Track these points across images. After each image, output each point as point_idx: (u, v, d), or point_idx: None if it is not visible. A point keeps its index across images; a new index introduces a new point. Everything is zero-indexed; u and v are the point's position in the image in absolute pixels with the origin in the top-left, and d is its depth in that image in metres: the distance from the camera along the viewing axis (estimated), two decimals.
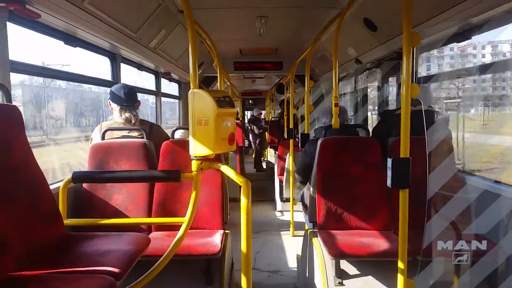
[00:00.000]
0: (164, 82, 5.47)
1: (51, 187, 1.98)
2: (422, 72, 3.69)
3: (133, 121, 3.01)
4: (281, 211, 6.18)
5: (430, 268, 2.06)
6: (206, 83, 7.69)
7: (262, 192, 7.50)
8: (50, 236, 1.75)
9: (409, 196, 1.84)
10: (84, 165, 2.98)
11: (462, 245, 1.92)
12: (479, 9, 2.27)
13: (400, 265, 1.86)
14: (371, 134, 3.33)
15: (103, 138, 2.90)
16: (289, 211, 5.20)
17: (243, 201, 1.69)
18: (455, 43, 3.04)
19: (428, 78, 3.43)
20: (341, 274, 2.50)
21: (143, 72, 4.59)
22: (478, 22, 2.56)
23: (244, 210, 1.69)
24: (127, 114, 3.00)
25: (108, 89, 3.19)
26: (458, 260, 1.93)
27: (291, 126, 5.30)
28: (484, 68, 3.03)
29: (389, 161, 1.82)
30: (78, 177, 2.09)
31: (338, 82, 3.43)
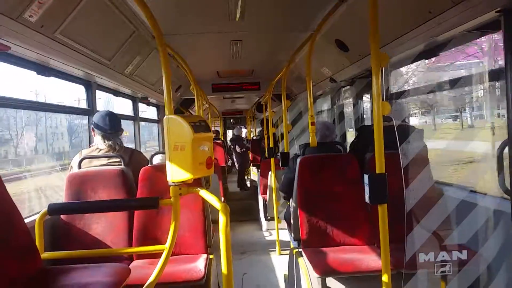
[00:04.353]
0: (143, 106, 5.45)
1: (27, 220, 1.93)
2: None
3: (117, 148, 2.97)
4: (266, 230, 6.14)
5: (415, 280, 2.08)
6: (185, 105, 7.70)
7: (247, 211, 7.45)
8: (27, 271, 1.69)
9: (389, 210, 1.86)
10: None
11: (443, 256, 1.95)
12: (442, 29, 2.38)
13: (384, 278, 1.87)
14: (348, 150, 3.38)
15: (79, 167, 2.85)
16: (274, 229, 5.18)
17: (222, 224, 1.68)
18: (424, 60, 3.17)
19: (400, 94, 3.54)
20: None
21: (120, 97, 4.57)
22: (444, 40, 2.68)
23: (223, 233, 1.68)
24: (110, 142, 2.96)
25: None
26: (440, 271, 1.96)
27: (271, 145, 5.34)
28: (453, 83, 3.15)
29: (366, 177, 1.85)
30: (54, 209, 2.04)
31: (315, 100, 3.50)
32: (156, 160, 3.31)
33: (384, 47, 2.84)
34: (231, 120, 16.64)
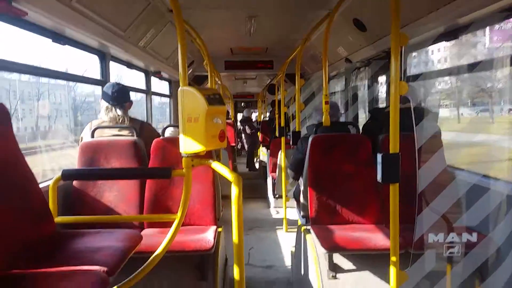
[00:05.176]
0: (155, 80, 5.45)
1: (41, 185, 1.96)
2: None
3: (120, 121, 2.97)
4: (274, 208, 6.20)
5: (422, 260, 2.09)
6: (197, 82, 7.68)
7: (255, 190, 7.51)
8: (41, 234, 1.74)
9: (400, 190, 1.86)
10: None
11: (453, 238, 1.96)
12: (466, 10, 2.32)
13: (392, 257, 1.88)
14: (361, 131, 3.37)
15: (92, 136, 2.88)
16: (282, 207, 5.22)
17: (234, 194, 1.69)
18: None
19: (417, 76, 3.48)
20: (335, 268, 2.52)
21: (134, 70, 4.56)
22: (465, 23, 2.61)
23: (236, 203, 1.69)
24: (111, 114, 2.95)
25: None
26: (449, 252, 1.97)
27: (282, 124, 5.32)
28: (471, 67, 3.08)
29: (379, 156, 1.84)
30: (68, 175, 2.07)
31: (329, 81, 3.46)
32: (167, 133, 3.34)
33: (403, 28, 2.77)
34: (242, 104, 16.62)
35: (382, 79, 4.40)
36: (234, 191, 1.69)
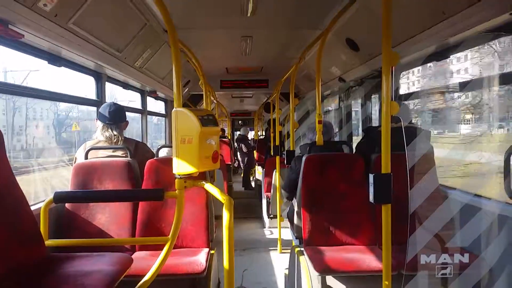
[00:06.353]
0: (151, 100, 5.48)
1: (33, 208, 1.95)
2: None
3: (114, 140, 2.96)
4: (268, 228, 6.15)
5: (415, 282, 2.07)
6: (193, 101, 7.73)
7: (250, 209, 7.46)
8: (32, 258, 1.72)
9: (392, 211, 1.86)
10: None
11: (445, 259, 1.95)
12: (455, 30, 2.37)
13: (385, 279, 1.87)
14: (354, 150, 3.38)
15: (86, 157, 2.87)
16: (276, 227, 5.19)
17: (226, 218, 1.68)
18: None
19: (409, 95, 3.52)
20: None
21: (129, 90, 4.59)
22: (455, 42, 2.66)
23: (227, 227, 1.68)
24: (107, 133, 2.95)
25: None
26: (441, 274, 1.95)
27: (277, 143, 5.34)
28: (462, 86, 3.13)
29: (371, 177, 1.85)
30: (60, 197, 2.06)
31: (323, 100, 3.50)
32: (162, 153, 3.33)
33: (395, 47, 2.83)
34: (239, 122, 16.74)
35: (375, 97, 4.45)
36: (226, 214, 1.68)
